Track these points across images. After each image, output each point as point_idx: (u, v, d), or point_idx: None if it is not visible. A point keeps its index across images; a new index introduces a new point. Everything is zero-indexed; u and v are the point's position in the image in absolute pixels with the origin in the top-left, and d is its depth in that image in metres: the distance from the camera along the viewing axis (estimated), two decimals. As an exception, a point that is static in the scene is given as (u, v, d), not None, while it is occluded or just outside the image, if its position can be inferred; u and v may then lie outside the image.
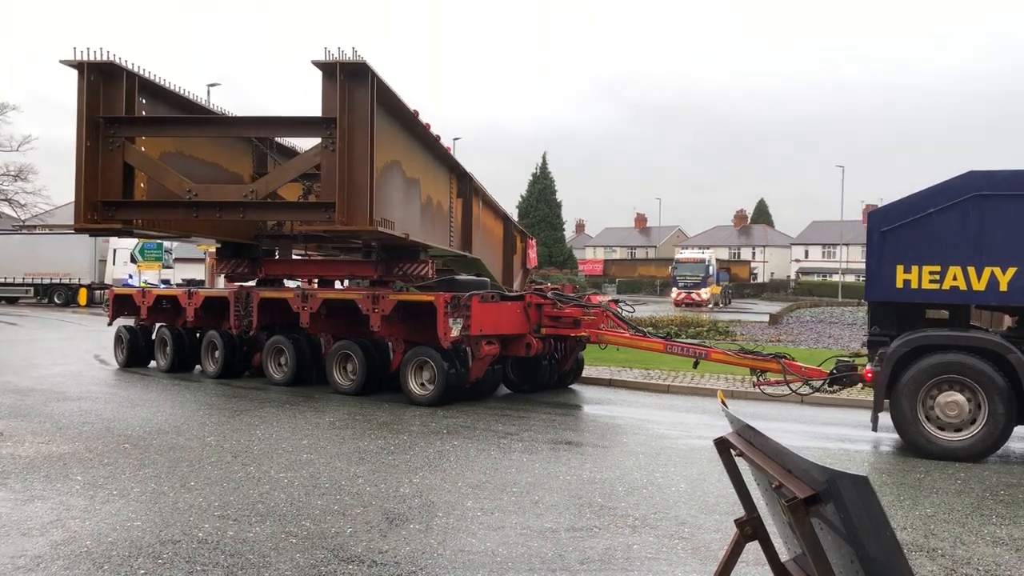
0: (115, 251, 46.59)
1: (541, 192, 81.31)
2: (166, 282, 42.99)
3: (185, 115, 15.04)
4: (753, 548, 3.41)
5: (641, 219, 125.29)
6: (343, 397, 14.54)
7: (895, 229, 10.94)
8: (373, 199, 12.53)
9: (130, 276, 44.63)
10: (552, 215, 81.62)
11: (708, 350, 14.14)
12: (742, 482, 3.26)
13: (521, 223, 65.88)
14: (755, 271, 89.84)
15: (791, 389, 12.96)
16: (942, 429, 10.58)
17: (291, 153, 18.66)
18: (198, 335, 17.81)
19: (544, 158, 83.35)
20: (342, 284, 19.44)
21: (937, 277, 10.71)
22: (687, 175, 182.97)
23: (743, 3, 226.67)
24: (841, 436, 12.16)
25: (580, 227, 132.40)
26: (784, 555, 3.32)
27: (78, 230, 14.38)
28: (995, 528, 7.60)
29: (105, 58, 13.53)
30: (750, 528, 3.13)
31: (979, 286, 10.51)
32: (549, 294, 15.33)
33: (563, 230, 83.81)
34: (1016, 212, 10.40)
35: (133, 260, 45.19)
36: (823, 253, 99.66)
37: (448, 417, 12.70)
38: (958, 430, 10.52)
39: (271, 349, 16.09)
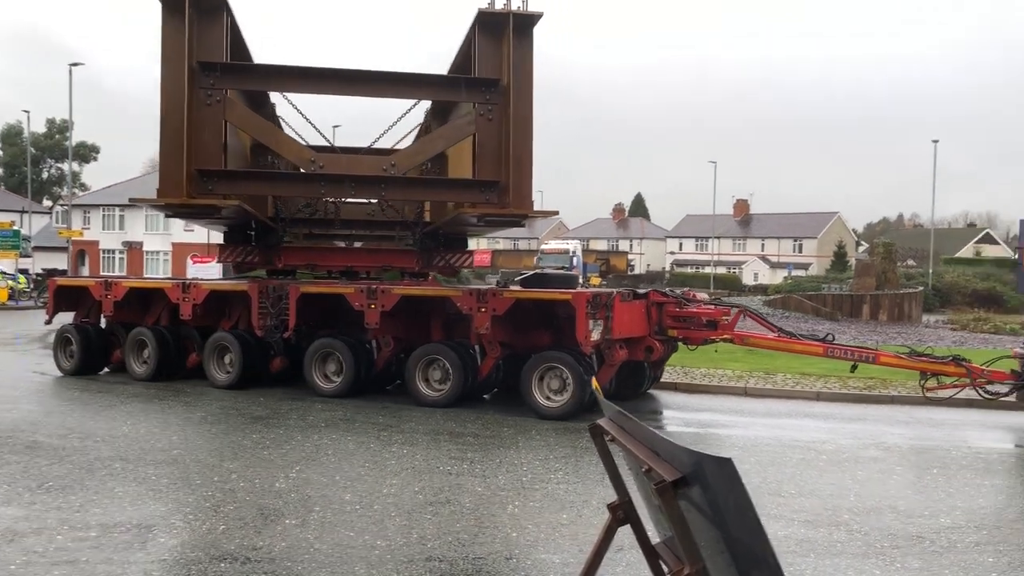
0: (-37, 239, 43.43)
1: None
2: (24, 271, 40.51)
3: (306, 65, 12.37)
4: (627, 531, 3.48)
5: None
6: (427, 411, 12.42)
7: None
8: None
9: None
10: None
11: (876, 352, 12.96)
12: (615, 467, 3.32)
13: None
14: (632, 262, 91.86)
15: (979, 393, 12.39)
16: None
17: None
18: (182, 336, 14.98)
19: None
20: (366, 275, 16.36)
21: None
22: (564, 167, 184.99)
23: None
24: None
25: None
26: (655, 538, 3.41)
27: (170, 207, 11.85)
28: (852, 506, 8.04)
29: None
30: (622, 512, 3.20)
31: None
32: (670, 292, 13.75)
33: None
34: None
35: (-15, 248, 42.11)
36: (696, 246, 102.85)
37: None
38: None
39: (317, 355, 13.56)
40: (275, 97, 15.01)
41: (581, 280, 61.62)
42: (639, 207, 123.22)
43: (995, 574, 6.29)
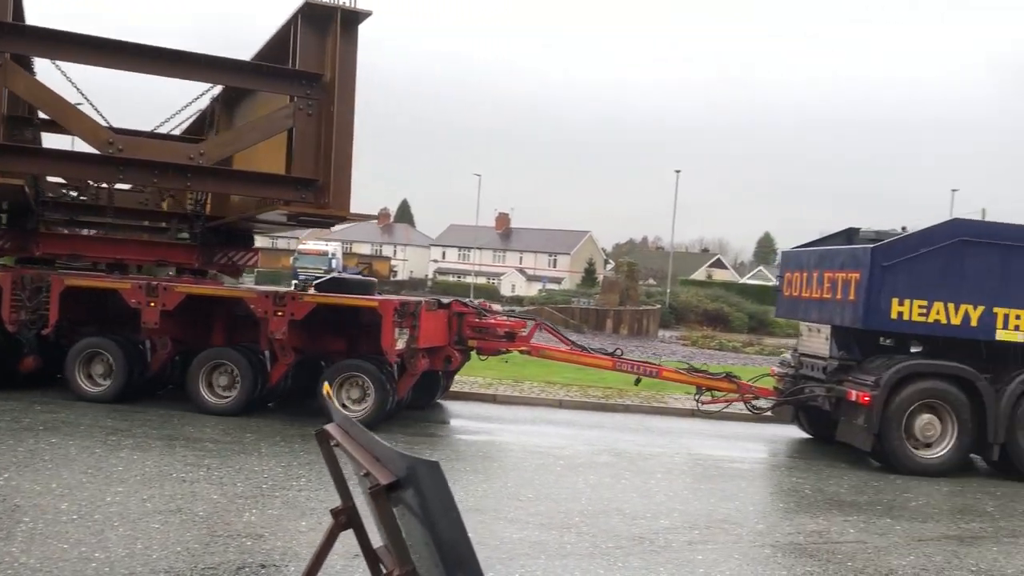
0: None
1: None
2: None
3: (103, 37, 10.99)
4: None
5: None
6: (163, 415, 11.67)
7: (893, 265, 11.65)
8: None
9: None
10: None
11: (659, 368, 13.74)
12: (340, 472, 3.31)
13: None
14: (395, 268, 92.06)
15: (747, 408, 13.54)
16: (917, 448, 11.56)
17: None
18: None
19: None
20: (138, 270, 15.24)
21: (924, 311, 11.60)
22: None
23: None
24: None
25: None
26: (379, 542, 3.43)
27: None
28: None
29: None
30: (345, 517, 3.19)
31: (956, 320, 11.58)
32: (470, 303, 13.72)
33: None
34: (992, 257, 11.59)
35: None
36: (459, 255, 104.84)
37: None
38: (928, 447, 11.58)
39: (82, 355, 12.32)
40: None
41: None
42: (405, 213, 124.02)
43: (703, 570, 6.90)
